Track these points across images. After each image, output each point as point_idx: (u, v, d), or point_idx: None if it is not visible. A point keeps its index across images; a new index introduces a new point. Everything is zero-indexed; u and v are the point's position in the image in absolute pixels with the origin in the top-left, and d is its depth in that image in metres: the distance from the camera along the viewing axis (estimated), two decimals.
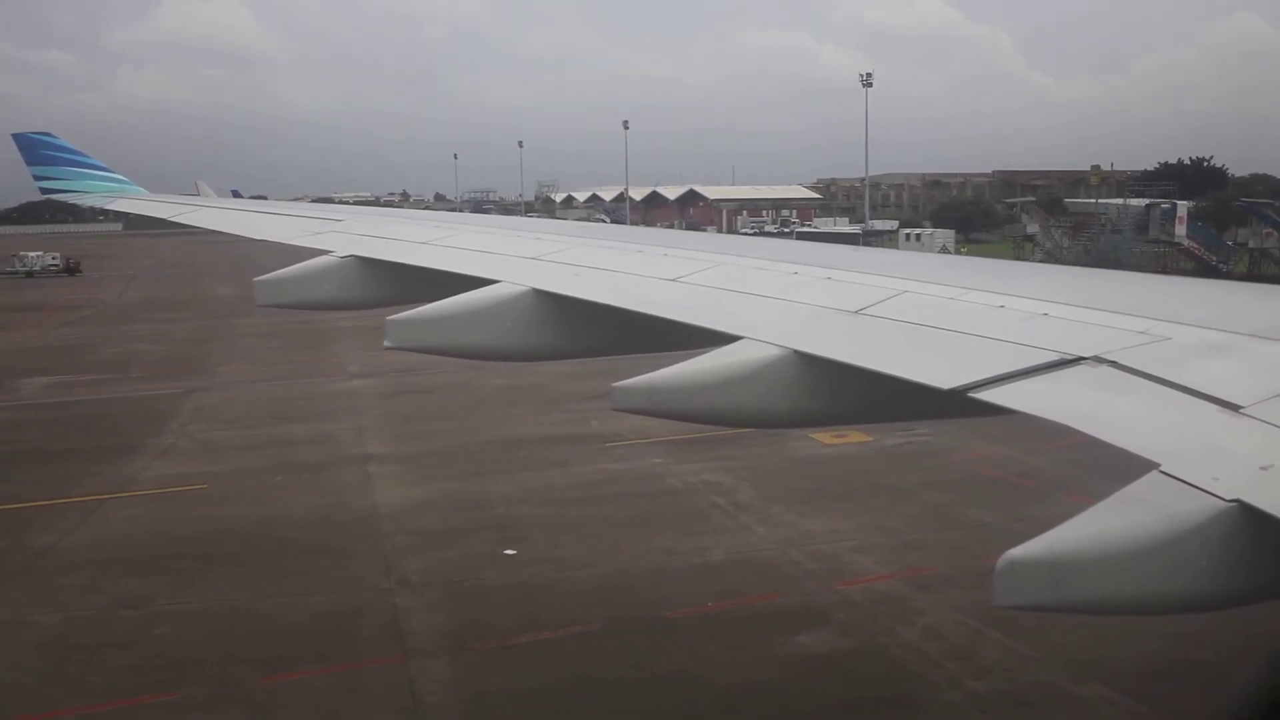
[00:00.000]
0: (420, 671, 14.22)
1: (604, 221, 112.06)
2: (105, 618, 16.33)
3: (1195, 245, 72.02)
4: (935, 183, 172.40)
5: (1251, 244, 70.12)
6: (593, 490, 22.68)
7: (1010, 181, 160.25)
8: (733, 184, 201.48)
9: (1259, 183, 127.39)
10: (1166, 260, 70.15)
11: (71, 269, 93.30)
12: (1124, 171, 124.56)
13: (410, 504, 21.91)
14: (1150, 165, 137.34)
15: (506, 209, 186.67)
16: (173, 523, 21.18)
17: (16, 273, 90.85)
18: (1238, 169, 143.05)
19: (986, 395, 4.78)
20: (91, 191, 18.61)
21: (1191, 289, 7.90)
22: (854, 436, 26.06)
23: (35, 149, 18.42)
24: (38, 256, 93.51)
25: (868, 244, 73.44)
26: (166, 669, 14.47)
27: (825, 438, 26.06)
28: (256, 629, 15.83)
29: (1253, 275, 62.65)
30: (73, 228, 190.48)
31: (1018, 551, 3.70)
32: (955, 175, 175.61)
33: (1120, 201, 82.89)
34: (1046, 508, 20.01)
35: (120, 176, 19.12)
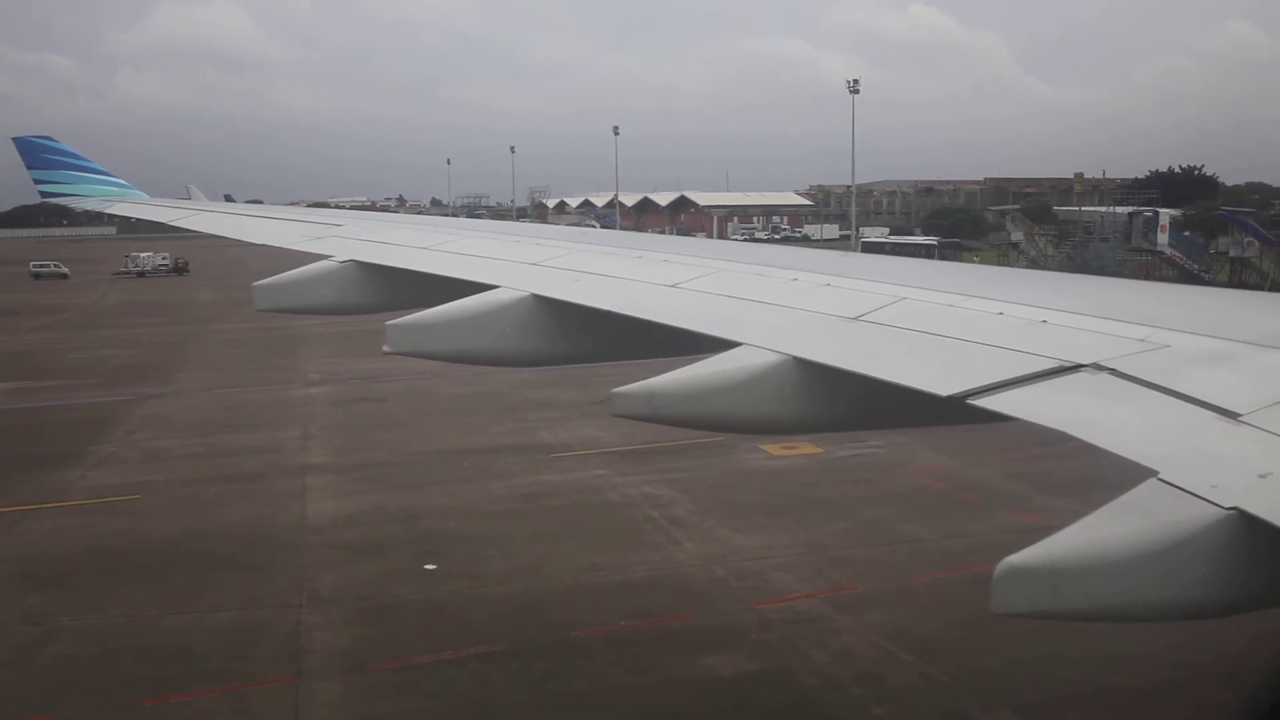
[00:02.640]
0: (309, 693, 13.78)
1: (594, 227, 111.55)
2: (1, 634, 15.90)
3: (1177, 253, 71.73)
4: (927, 190, 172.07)
5: (1232, 253, 69.70)
6: (529, 503, 22.24)
7: (1002, 189, 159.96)
8: (726, 190, 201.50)
9: (1254, 191, 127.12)
10: (1149, 268, 69.79)
11: (180, 269, 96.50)
12: (1114, 180, 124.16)
13: (339, 517, 21.48)
14: (1145, 173, 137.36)
15: (499, 214, 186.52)
16: (96, 535, 20.78)
17: (129, 273, 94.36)
18: (1234, 177, 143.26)
19: (985, 402, 4.76)
20: (91, 195, 18.41)
21: (1190, 297, 7.80)
22: (804, 448, 25.64)
23: (36, 153, 18.23)
24: (149, 257, 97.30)
25: (944, 258, 71.54)
26: (51, 689, 14.07)
27: (774, 449, 25.66)
28: (155, 647, 15.40)
29: (1233, 284, 62.29)
30: (67, 231, 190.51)
31: (1016, 558, 3.64)
32: (947, 182, 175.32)
33: (1105, 209, 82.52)
34: (985, 523, 19.51)
35: (120, 180, 18.89)
